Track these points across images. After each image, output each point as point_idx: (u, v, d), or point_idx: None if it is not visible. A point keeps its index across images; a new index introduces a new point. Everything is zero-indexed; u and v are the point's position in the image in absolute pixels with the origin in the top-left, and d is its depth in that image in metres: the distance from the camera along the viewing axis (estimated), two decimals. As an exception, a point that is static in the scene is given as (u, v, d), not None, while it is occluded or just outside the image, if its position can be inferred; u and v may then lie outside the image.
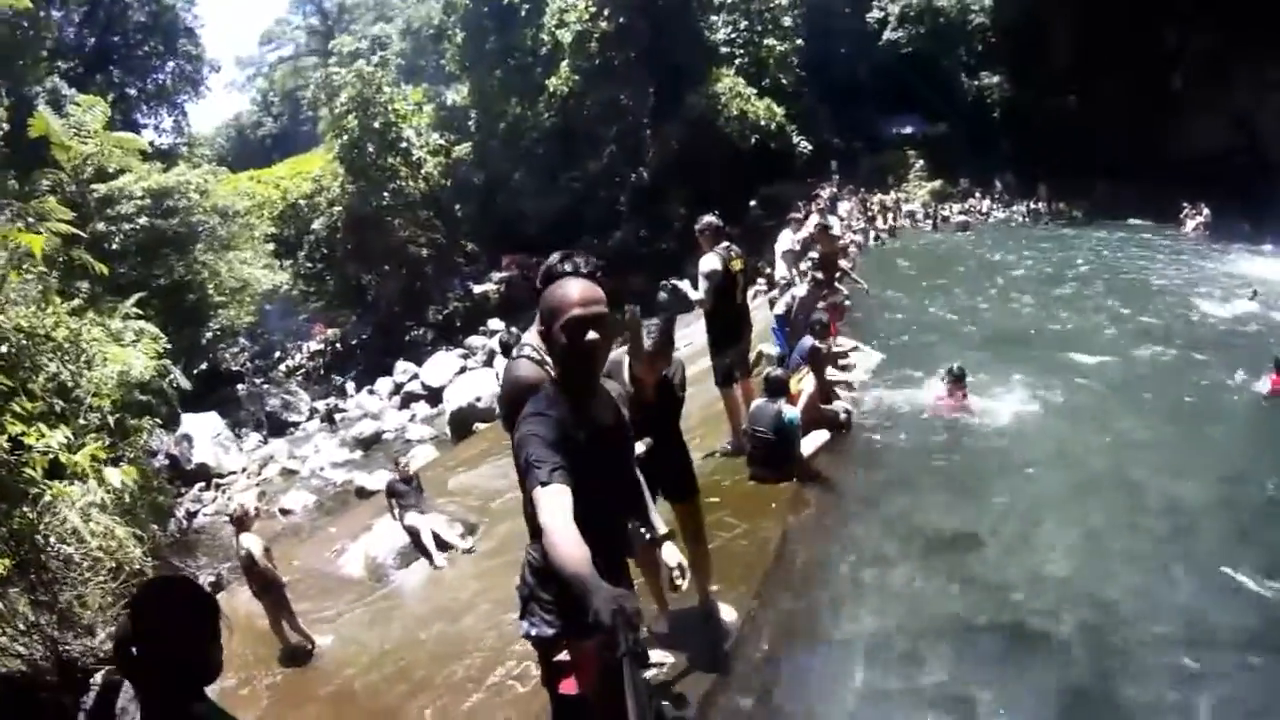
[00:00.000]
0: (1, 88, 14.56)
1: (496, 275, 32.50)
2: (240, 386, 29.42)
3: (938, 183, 34.27)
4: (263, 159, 38.85)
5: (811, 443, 8.55)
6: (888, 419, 10.88)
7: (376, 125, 30.09)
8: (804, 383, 9.44)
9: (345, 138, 30.28)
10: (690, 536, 5.34)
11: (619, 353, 4.53)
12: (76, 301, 13.05)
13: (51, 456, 8.21)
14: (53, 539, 8.06)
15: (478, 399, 19.09)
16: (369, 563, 10.35)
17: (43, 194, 16.83)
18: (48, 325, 11.22)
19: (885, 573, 7.03)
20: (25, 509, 7.65)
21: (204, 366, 27.94)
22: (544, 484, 2.87)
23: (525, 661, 5.63)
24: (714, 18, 30.26)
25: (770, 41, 30.26)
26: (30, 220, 14.45)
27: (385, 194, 30.87)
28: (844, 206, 28.67)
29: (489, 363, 23.96)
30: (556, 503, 2.83)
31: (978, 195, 33.35)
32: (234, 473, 19.59)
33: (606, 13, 28.83)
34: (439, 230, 32.99)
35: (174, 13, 37.55)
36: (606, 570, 2.77)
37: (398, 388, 26.51)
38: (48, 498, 7.77)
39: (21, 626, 7.02)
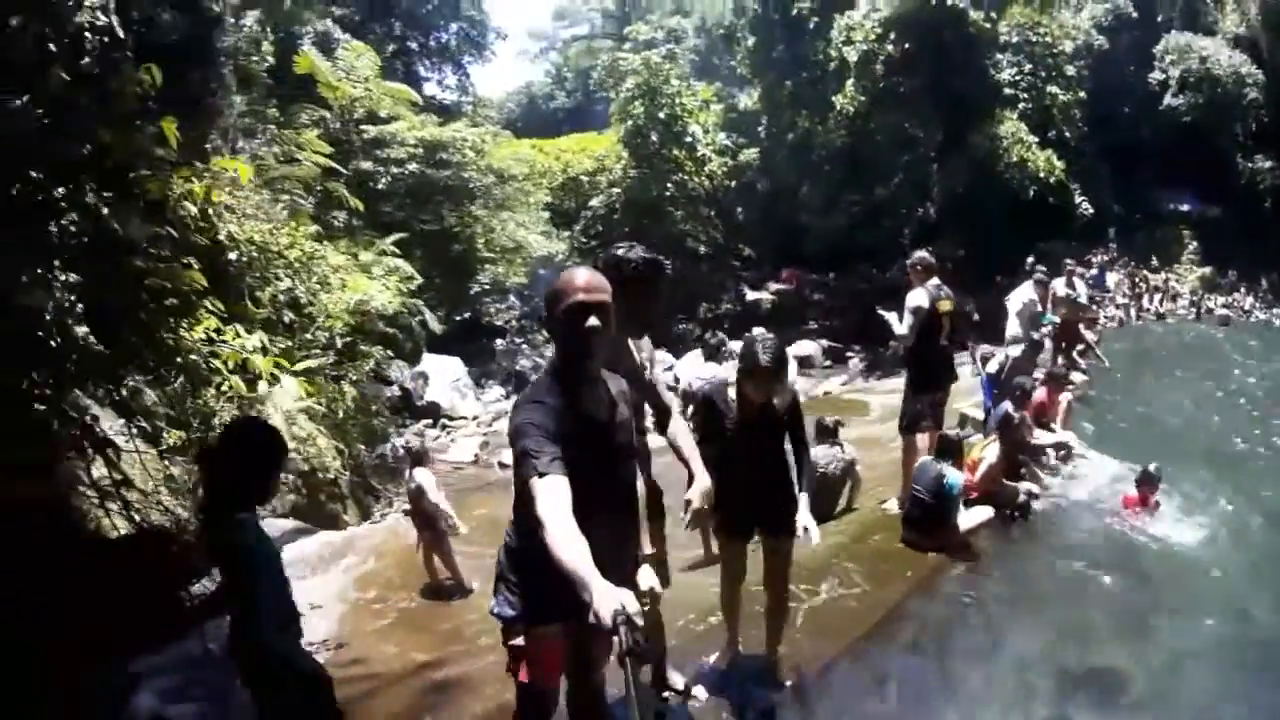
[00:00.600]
0: (267, 23, 15.72)
1: (773, 285, 32.18)
2: (500, 342, 30.44)
3: (1207, 270, 31.74)
4: (552, 130, 39.92)
5: (973, 517, 7.91)
6: (1065, 507, 9.52)
7: (662, 116, 30.33)
8: (988, 450, 8.62)
9: (630, 123, 30.68)
10: (768, 577, 5.14)
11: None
12: (314, 227, 13.74)
13: (244, 355, 8.90)
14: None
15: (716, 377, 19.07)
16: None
17: (300, 126, 17.81)
18: (282, 243, 12.15)
19: (989, 689, 5.86)
20: (209, 392, 8.31)
21: (466, 316, 28.85)
22: (541, 474, 2.88)
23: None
24: (999, 56, 28.99)
25: (1054, 90, 28.77)
26: (284, 148, 15.61)
27: (668, 185, 31.15)
28: (1112, 278, 27.31)
29: (737, 366, 23.94)
30: (554, 494, 2.84)
31: (1242, 290, 30.72)
32: (464, 418, 20.21)
33: (893, 36, 28.15)
34: (718, 230, 33.09)
35: None
36: (610, 565, 2.75)
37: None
38: (228, 387, 8.38)
39: (181, 491, 7.57)
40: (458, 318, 27.20)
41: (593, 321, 3.11)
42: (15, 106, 6.18)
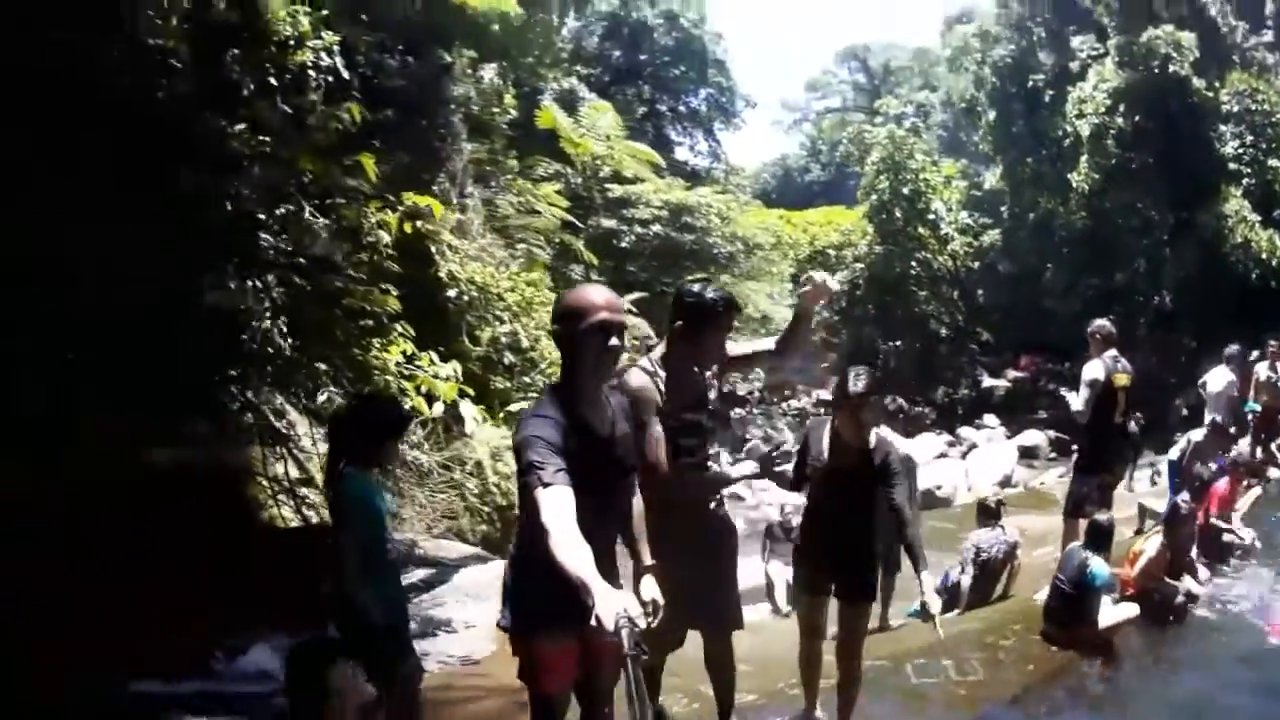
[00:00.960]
0: (509, 76, 16.56)
1: (1011, 373, 31.22)
2: (738, 410, 30.39)
3: None
4: (806, 203, 39.99)
5: (1115, 614, 7.05)
6: (1227, 615, 8.25)
7: (906, 191, 30.01)
8: (1149, 543, 7.78)
9: (875, 197, 30.49)
10: (838, 646, 4.75)
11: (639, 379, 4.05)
12: (538, 274, 14.12)
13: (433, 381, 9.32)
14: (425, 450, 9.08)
15: (937, 486, 18.54)
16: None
17: (538, 179, 18.35)
18: (503, 287, 12.71)
19: None
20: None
21: (711, 380, 29.32)
22: (546, 485, 2.86)
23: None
24: (1222, 127, 27.06)
25: (1274, 163, 26.57)
26: (522, 198, 16.27)
27: (912, 262, 30.71)
28: None
29: (965, 455, 23.21)
30: (559, 504, 2.83)
31: None
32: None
33: (1122, 108, 26.83)
34: (960, 311, 32.31)
35: (701, 42, 39.55)
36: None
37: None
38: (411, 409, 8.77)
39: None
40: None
41: (614, 342, 3.09)
42: (233, 131, 6.82)
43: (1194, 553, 8.40)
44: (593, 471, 3.02)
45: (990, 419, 27.55)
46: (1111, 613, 7.01)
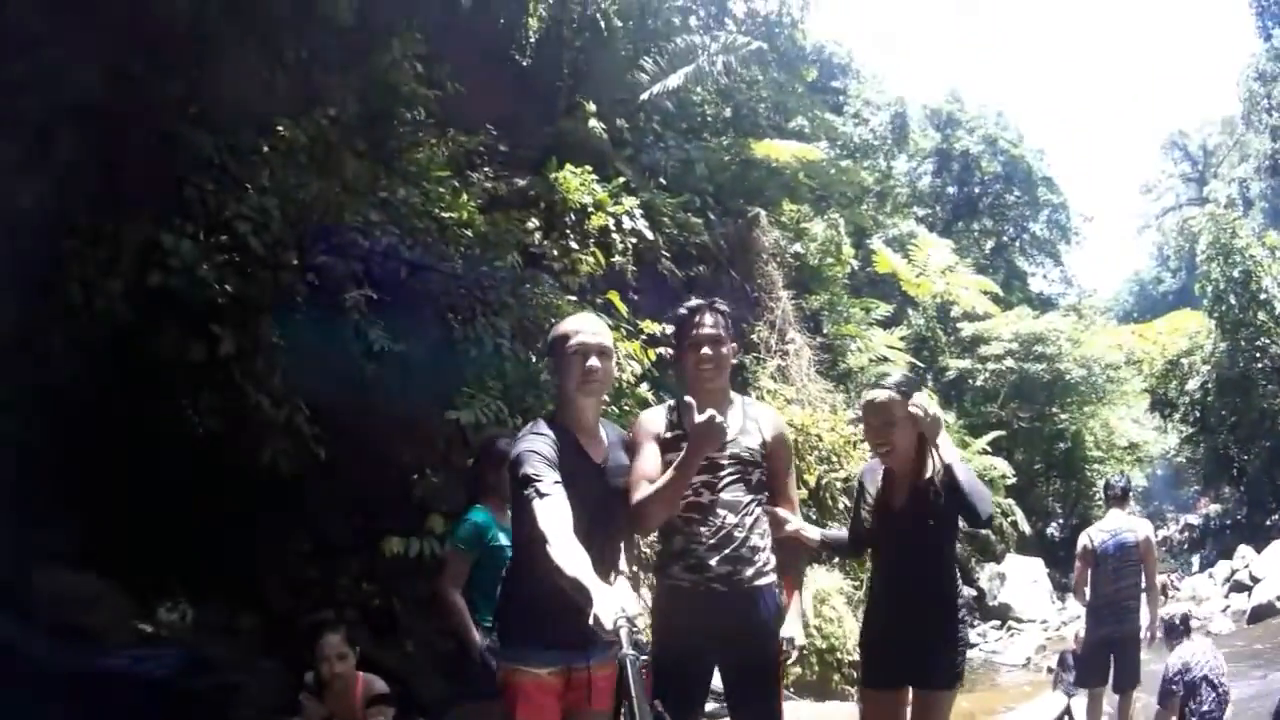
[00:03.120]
0: (843, 225, 16.90)
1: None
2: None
3: None
4: (1164, 314, 37.82)
5: None
6: None
7: (1236, 274, 27.42)
8: None
9: (1210, 289, 28.11)
10: None
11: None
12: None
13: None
14: None
15: None
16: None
17: (873, 323, 17.95)
18: (821, 429, 12.81)
19: None
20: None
21: (1075, 521, 27.74)
22: (543, 495, 2.93)
23: None
24: None
25: None
26: (863, 343, 16.31)
27: (1256, 353, 27.82)
28: None
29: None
30: (555, 513, 2.89)
31: None
32: (1033, 620, 19.43)
33: None
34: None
35: (1026, 163, 38.42)
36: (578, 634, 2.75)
37: (1231, 574, 23.73)
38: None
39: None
40: (1070, 522, 25.94)
41: (594, 362, 3.20)
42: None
43: None
44: (582, 494, 3.05)
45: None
46: None
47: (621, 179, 9.81)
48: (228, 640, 5.59)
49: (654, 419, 3.71)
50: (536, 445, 3.08)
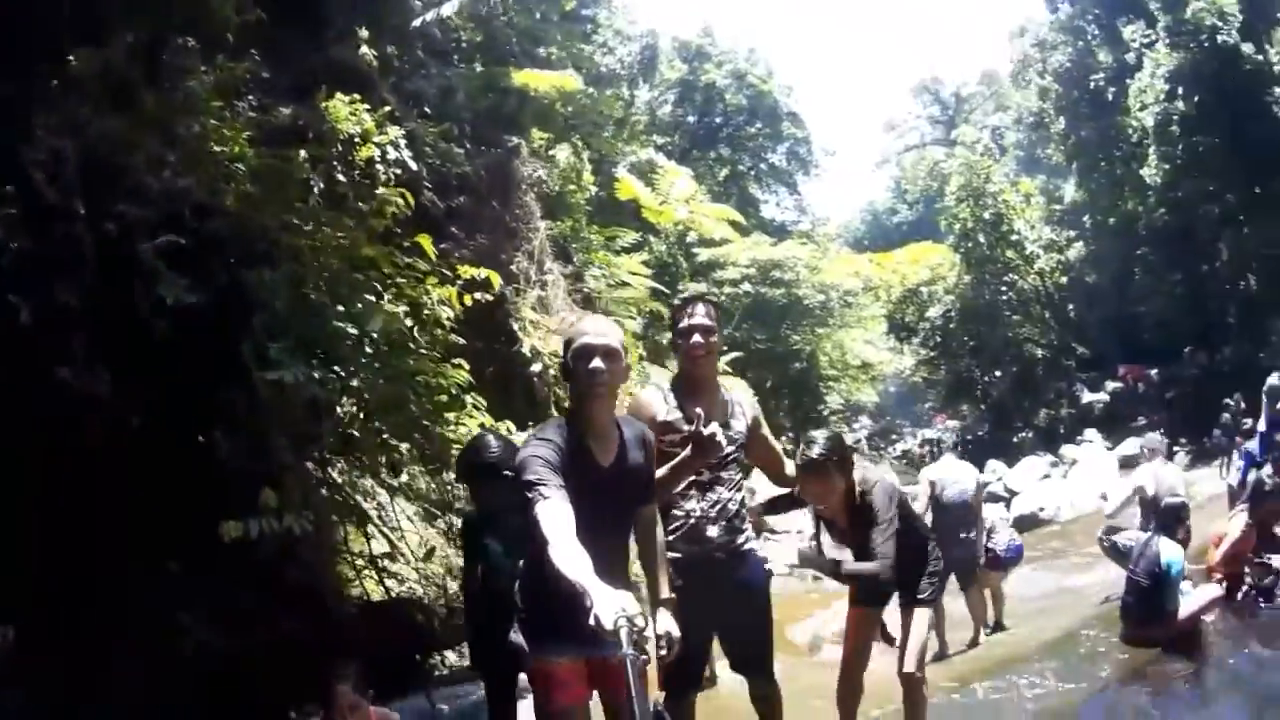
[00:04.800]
0: (583, 152, 16.99)
1: (1110, 384, 30.54)
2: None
3: None
4: (898, 244, 39.87)
5: (1195, 600, 6.97)
6: None
7: (987, 216, 29.70)
8: (1233, 523, 7.78)
9: (958, 227, 30.26)
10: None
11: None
12: (628, 344, 14.48)
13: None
14: None
15: (1040, 508, 18.34)
16: (814, 634, 10.12)
17: (621, 250, 18.59)
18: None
19: None
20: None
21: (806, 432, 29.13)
22: (545, 499, 3.04)
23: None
24: (1278, 90, 25.93)
25: None
26: (607, 270, 16.57)
27: (1001, 288, 30.33)
28: None
29: (1067, 474, 22.79)
30: (557, 516, 3.00)
31: None
32: (787, 531, 20.39)
33: (1180, 91, 25.98)
34: (1053, 330, 31.79)
35: (772, 97, 40.35)
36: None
37: (981, 486, 25.97)
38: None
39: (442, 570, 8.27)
40: (794, 433, 27.32)
41: (596, 364, 3.28)
42: (294, 225, 7.17)
43: None
44: (587, 497, 3.16)
45: (1091, 433, 27.32)
46: (1192, 600, 6.92)
47: (387, 108, 9.31)
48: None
49: (650, 401, 4.21)
50: (539, 450, 3.20)
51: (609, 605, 2.63)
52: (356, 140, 8.69)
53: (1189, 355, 27.44)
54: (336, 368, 6.88)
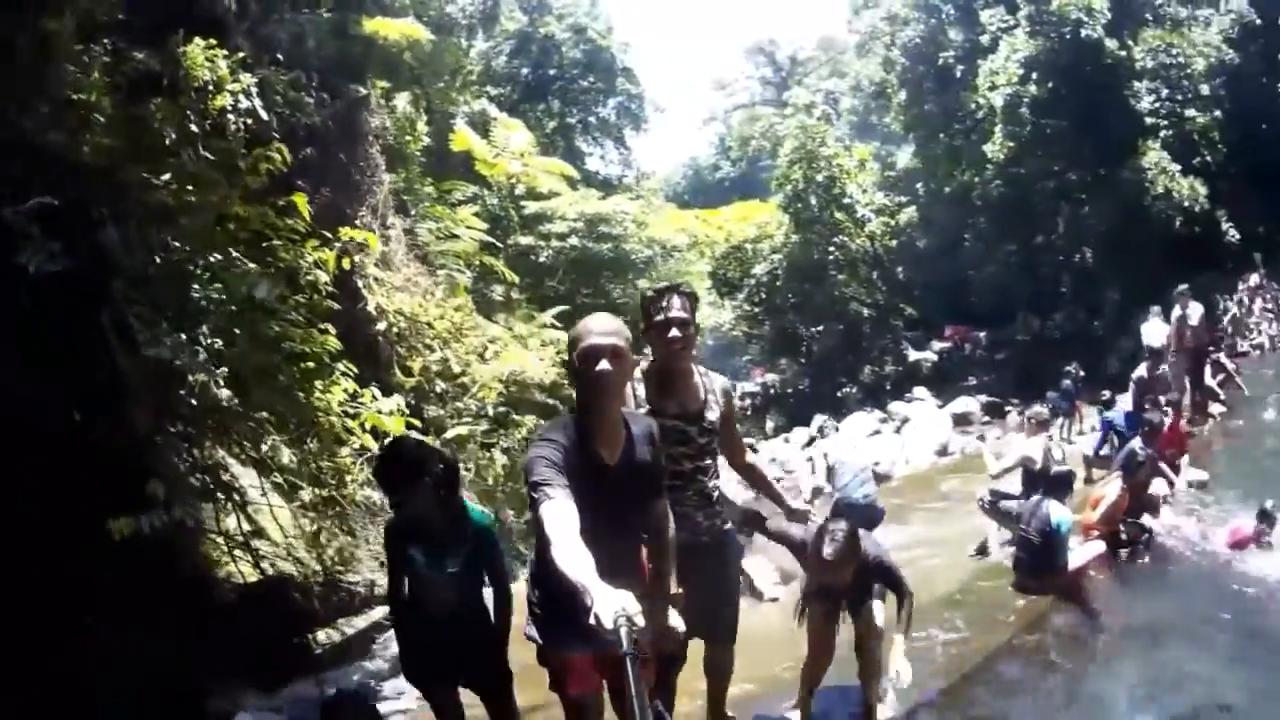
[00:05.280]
0: (420, 104, 16.57)
1: (936, 344, 31.78)
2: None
3: None
4: (719, 200, 40.18)
5: (1083, 554, 7.80)
6: (1181, 544, 9.20)
7: (820, 179, 30.27)
8: (1109, 487, 8.46)
9: (789, 188, 30.71)
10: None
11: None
12: (464, 300, 14.30)
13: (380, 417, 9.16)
14: (367, 488, 8.87)
15: (876, 463, 18.89)
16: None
17: (455, 203, 18.39)
18: (431, 315, 12.59)
19: None
20: (344, 453, 8.60)
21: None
22: (549, 499, 3.03)
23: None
24: (1137, 84, 27.83)
25: (1191, 113, 27.46)
26: (441, 224, 16.22)
27: (830, 248, 31.01)
28: (1257, 305, 25.66)
29: (899, 430, 23.58)
30: (559, 515, 2.98)
31: None
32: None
33: (1035, 76, 27.45)
34: (881, 291, 32.80)
35: (609, 52, 40.30)
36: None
37: (811, 440, 26.62)
38: (357, 445, 8.62)
39: (310, 544, 7.93)
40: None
41: (603, 365, 3.24)
42: (155, 183, 6.65)
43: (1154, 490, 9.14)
44: (595, 496, 3.14)
45: (920, 391, 28.00)
46: (1080, 553, 7.74)
47: (240, 54, 8.71)
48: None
49: None
50: (543, 451, 3.18)
51: (608, 604, 2.61)
52: (210, 89, 8.11)
53: (1022, 320, 28.87)
54: (203, 336, 6.47)
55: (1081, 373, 18.90)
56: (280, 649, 6.46)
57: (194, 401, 6.55)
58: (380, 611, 7.97)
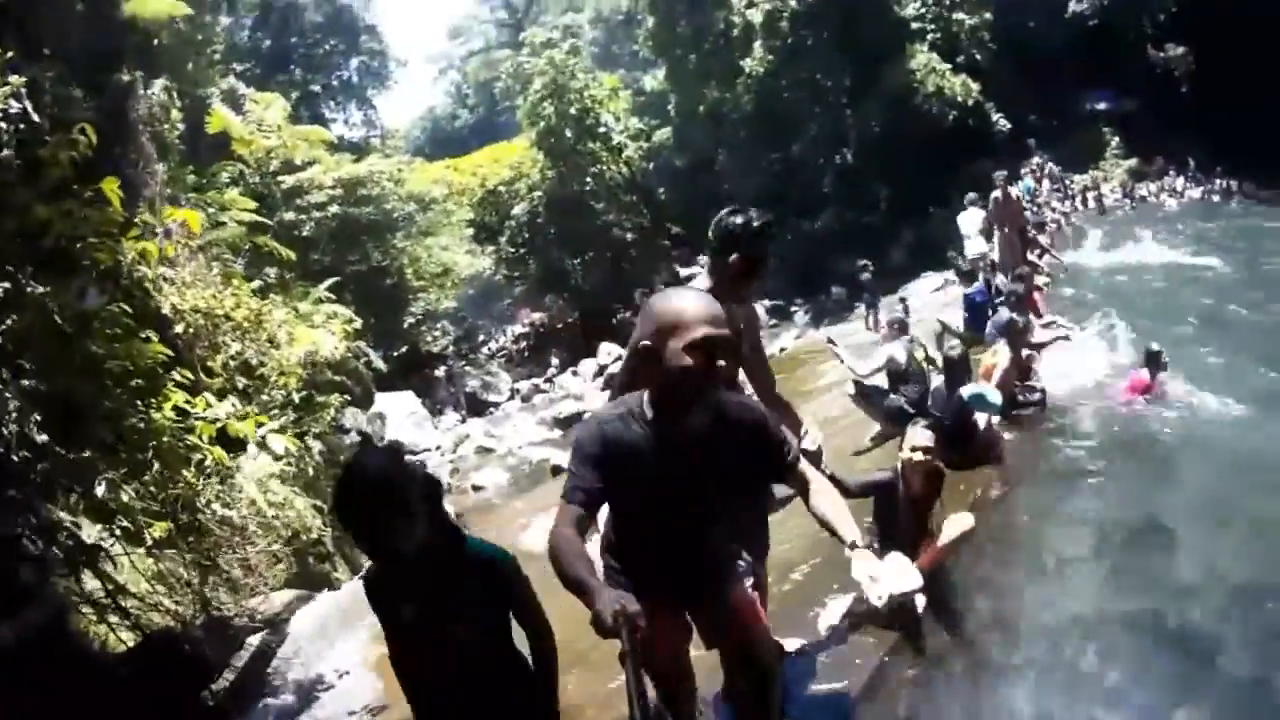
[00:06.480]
0: (173, 89, 15.41)
1: (703, 258, 32.29)
2: (441, 369, 29.91)
3: (1133, 161, 32.80)
4: (460, 149, 39.88)
5: (983, 420, 8.15)
6: (1075, 398, 10.10)
7: (573, 111, 30.25)
8: (998, 356, 9.10)
9: (542, 124, 30.55)
10: None
11: None
12: (256, 284, 13.70)
13: (219, 426, 8.38)
14: (216, 505, 8.17)
15: None
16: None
17: (222, 186, 17.61)
18: (227, 306, 11.71)
19: (1059, 569, 6.63)
20: (188, 474, 7.79)
21: (404, 350, 28.24)
22: (564, 497, 2.88)
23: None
24: None
25: (960, 16, 29.00)
26: (209, 210, 15.13)
27: (587, 179, 31.04)
28: (1045, 185, 27.59)
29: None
30: (566, 516, 2.83)
31: (1172, 173, 31.84)
32: (428, 449, 20.06)
33: None
34: (643, 215, 33.07)
35: (351, 12, 40.16)
36: (675, 589, 3.21)
37: (601, 369, 26.68)
38: (209, 463, 7.87)
39: (175, 585, 7.19)
40: (396, 353, 27.07)
41: (719, 361, 2.75)
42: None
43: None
44: (649, 491, 2.97)
45: None
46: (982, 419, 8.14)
47: (8, 53, 7.60)
48: None
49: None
50: (588, 445, 2.90)
51: (608, 604, 2.51)
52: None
53: (792, 225, 29.52)
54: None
55: (872, 267, 19.56)
56: (182, 712, 5.75)
57: (14, 457, 5.70)
58: (258, 638, 7.34)
